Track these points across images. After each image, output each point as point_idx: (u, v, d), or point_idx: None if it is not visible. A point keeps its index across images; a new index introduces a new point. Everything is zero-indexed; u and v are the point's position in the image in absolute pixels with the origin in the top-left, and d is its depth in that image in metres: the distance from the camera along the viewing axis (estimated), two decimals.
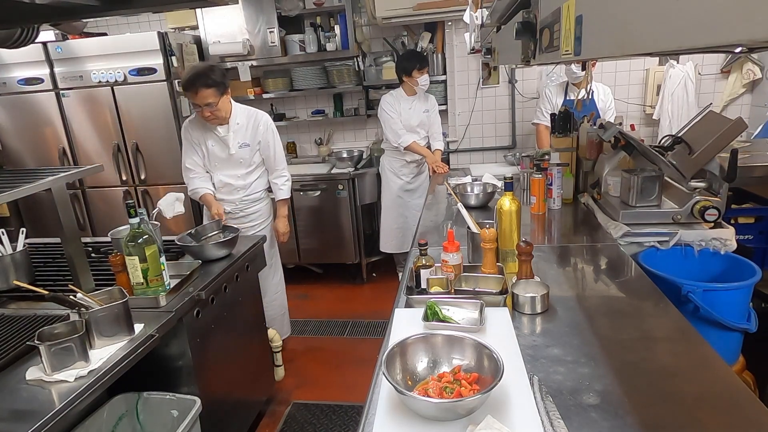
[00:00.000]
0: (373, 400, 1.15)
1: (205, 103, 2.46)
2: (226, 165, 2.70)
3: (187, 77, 2.46)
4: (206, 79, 2.43)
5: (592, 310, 1.53)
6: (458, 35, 4.12)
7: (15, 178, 1.76)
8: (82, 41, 3.73)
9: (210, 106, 2.48)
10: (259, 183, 2.83)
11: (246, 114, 2.70)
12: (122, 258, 1.78)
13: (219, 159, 2.69)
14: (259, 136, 2.71)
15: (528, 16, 1.23)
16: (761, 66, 3.74)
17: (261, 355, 2.61)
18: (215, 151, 2.67)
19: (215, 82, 2.46)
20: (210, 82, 2.44)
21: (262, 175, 2.84)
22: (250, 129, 2.69)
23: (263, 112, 2.79)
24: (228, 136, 2.63)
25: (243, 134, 2.67)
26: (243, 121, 2.67)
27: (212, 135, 2.65)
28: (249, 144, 2.69)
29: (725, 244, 1.96)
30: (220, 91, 2.50)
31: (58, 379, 1.40)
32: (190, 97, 2.47)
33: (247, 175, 2.75)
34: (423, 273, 1.59)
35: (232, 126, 2.63)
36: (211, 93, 2.45)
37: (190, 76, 2.45)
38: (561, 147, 2.68)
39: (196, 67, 2.50)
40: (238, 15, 4.04)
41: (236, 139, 2.65)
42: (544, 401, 1.09)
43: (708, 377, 1.18)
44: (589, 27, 0.74)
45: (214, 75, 2.47)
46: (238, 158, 2.69)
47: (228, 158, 2.68)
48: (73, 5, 1.49)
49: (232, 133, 2.63)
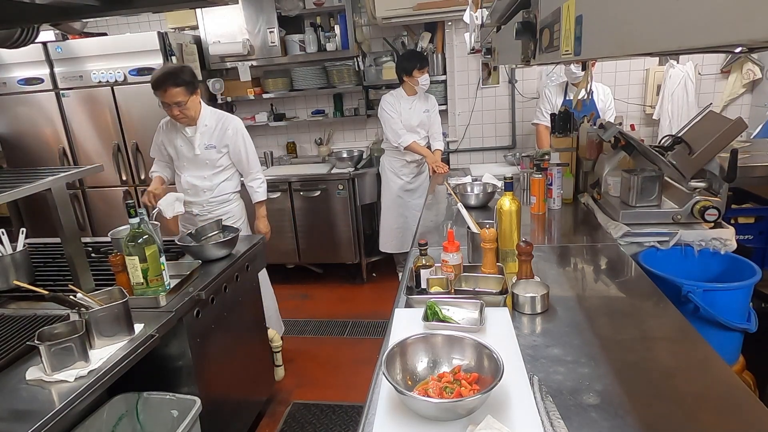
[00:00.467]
0: (373, 400, 1.15)
1: (174, 102, 2.50)
2: (192, 165, 2.75)
3: (156, 76, 2.49)
4: (175, 78, 2.48)
5: (592, 310, 1.53)
6: (458, 35, 4.12)
7: (15, 178, 1.76)
8: (82, 41, 3.74)
9: (179, 104, 2.52)
10: (227, 185, 2.84)
11: (216, 117, 2.75)
12: (122, 258, 1.78)
13: (186, 159, 2.74)
14: (227, 140, 2.74)
15: (528, 16, 1.23)
16: (761, 66, 3.74)
17: (261, 355, 2.61)
18: (183, 151, 2.73)
19: (184, 81, 2.50)
20: (179, 81, 2.48)
21: (230, 177, 2.85)
22: (218, 132, 2.72)
23: (235, 117, 2.84)
24: (194, 136, 2.67)
25: (210, 136, 2.71)
26: (211, 123, 2.71)
27: (180, 135, 2.70)
28: (215, 146, 2.72)
29: (725, 244, 1.96)
30: (189, 90, 2.54)
31: (58, 379, 1.40)
32: (160, 95, 2.50)
33: (213, 176, 2.77)
34: (423, 273, 1.59)
35: (199, 127, 2.67)
36: (180, 92, 2.49)
37: (160, 75, 2.48)
38: (561, 147, 2.68)
39: (166, 67, 2.55)
40: (238, 15, 4.04)
41: (202, 140, 2.69)
42: (544, 401, 1.09)
43: (708, 377, 1.18)
44: (589, 27, 0.74)
45: (184, 74, 2.52)
46: (204, 159, 2.72)
47: (194, 158, 2.72)
48: (73, 5, 1.49)
49: (198, 134, 2.68)
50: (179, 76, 2.49)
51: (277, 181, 4.05)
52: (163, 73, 2.49)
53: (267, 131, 4.72)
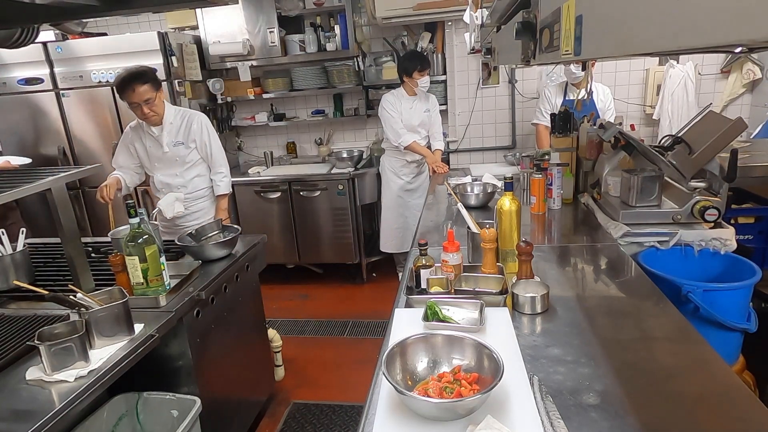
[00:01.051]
0: (373, 400, 1.15)
1: (144, 100, 2.52)
2: (162, 164, 2.78)
3: (120, 78, 2.51)
4: (141, 77, 2.51)
5: (592, 310, 1.53)
6: (458, 35, 4.12)
7: (15, 178, 1.76)
8: (82, 41, 3.74)
9: (148, 102, 2.54)
10: (200, 181, 2.88)
11: (180, 114, 2.78)
12: (122, 258, 1.78)
13: (156, 158, 2.77)
14: (193, 135, 2.77)
15: (528, 16, 1.23)
16: (761, 66, 3.74)
17: (261, 355, 2.61)
18: (153, 151, 2.76)
19: (150, 78, 2.54)
20: (145, 78, 2.52)
21: (202, 173, 2.89)
22: (183, 127, 2.76)
23: (198, 112, 2.87)
24: (161, 135, 2.70)
25: (176, 133, 2.74)
26: (176, 120, 2.75)
27: (148, 135, 2.73)
28: (183, 142, 2.76)
29: (725, 244, 1.96)
30: (155, 86, 2.57)
31: (58, 379, 1.40)
32: (128, 96, 2.52)
33: (185, 173, 2.81)
34: (423, 273, 1.59)
35: (165, 126, 2.70)
36: (147, 89, 2.52)
37: (125, 76, 2.51)
38: (561, 147, 2.68)
39: (127, 69, 2.56)
40: (238, 15, 4.04)
41: (169, 137, 2.72)
42: (544, 401, 1.09)
43: (708, 377, 1.18)
44: (589, 27, 0.74)
45: (148, 73, 2.55)
46: (173, 156, 2.76)
47: (163, 157, 2.76)
48: (73, 5, 1.49)
49: (165, 132, 2.70)
50: (144, 75, 2.52)
51: (277, 181, 4.05)
52: (127, 74, 2.52)
53: (267, 131, 4.72)
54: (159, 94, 2.61)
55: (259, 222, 4.11)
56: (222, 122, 4.38)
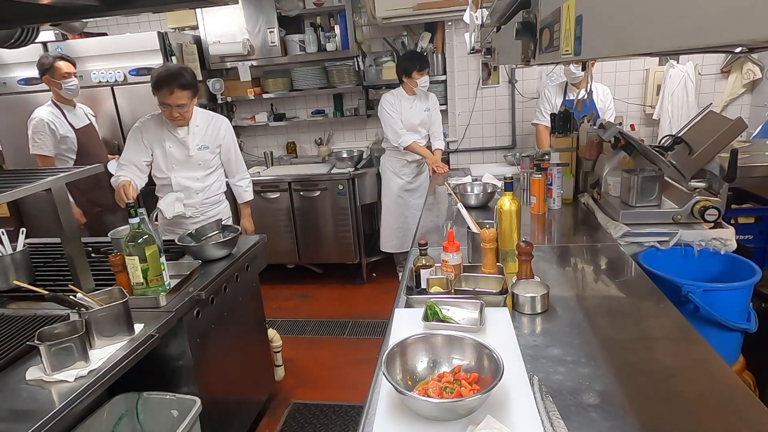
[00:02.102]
0: (373, 400, 1.15)
1: (178, 104, 2.44)
2: (183, 167, 2.67)
3: (162, 76, 2.40)
4: (183, 80, 2.42)
5: (592, 310, 1.53)
6: (458, 35, 4.12)
7: (15, 178, 1.76)
8: (82, 41, 3.74)
9: (182, 107, 2.46)
10: (217, 186, 2.82)
11: (206, 117, 2.70)
12: (122, 258, 1.78)
13: (177, 161, 2.65)
14: (219, 140, 2.71)
15: (528, 16, 1.23)
16: (761, 66, 3.74)
17: (261, 355, 2.61)
18: (173, 153, 2.63)
19: (190, 84, 2.46)
20: (186, 83, 2.43)
21: (220, 178, 2.83)
22: (210, 132, 2.68)
23: (223, 116, 2.79)
24: (187, 137, 2.60)
25: (202, 137, 2.66)
26: (202, 123, 2.66)
27: (170, 136, 2.61)
28: (208, 147, 2.68)
29: (725, 244, 1.96)
30: (193, 93, 2.50)
31: (58, 379, 1.40)
32: (163, 96, 2.42)
33: (206, 177, 2.73)
34: (423, 273, 1.59)
35: (191, 128, 2.61)
36: (186, 95, 2.45)
37: (167, 74, 2.41)
38: (561, 147, 2.68)
39: (168, 67, 2.47)
40: (238, 15, 4.04)
41: (195, 140, 2.63)
42: (544, 401, 1.09)
43: (708, 377, 1.18)
44: (589, 27, 0.74)
45: (188, 76, 2.46)
46: (197, 160, 2.67)
47: (186, 160, 2.65)
48: (73, 5, 1.50)
49: (191, 134, 2.61)
50: (185, 78, 2.43)
51: (277, 181, 4.05)
52: (168, 73, 2.41)
53: (267, 131, 4.72)
54: (194, 101, 2.54)
55: (259, 222, 4.08)
56: None
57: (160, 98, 2.45)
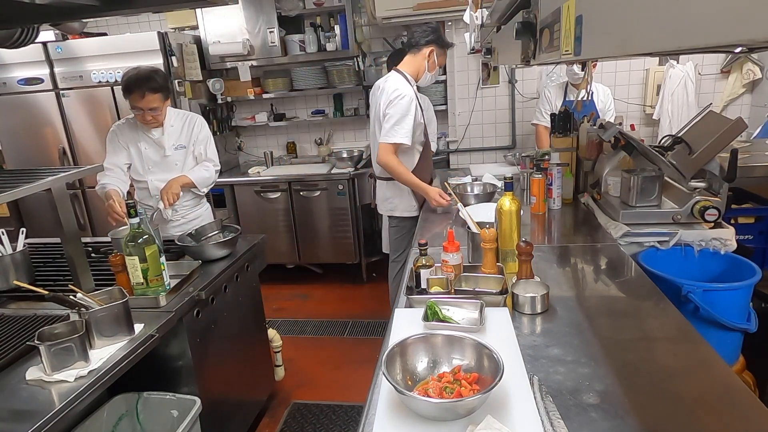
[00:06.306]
0: (373, 400, 1.15)
1: (150, 108, 2.41)
2: (160, 168, 2.62)
3: (131, 79, 2.36)
4: (153, 83, 2.37)
5: (592, 310, 1.53)
6: (458, 35, 4.12)
7: (15, 178, 1.76)
8: (82, 41, 3.74)
9: (154, 111, 2.43)
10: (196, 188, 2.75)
11: (180, 116, 2.66)
12: (122, 258, 1.78)
13: (153, 162, 2.61)
14: (194, 137, 2.66)
15: (528, 16, 1.23)
16: (761, 66, 3.74)
17: (261, 355, 2.61)
18: (149, 154, 2.60)
19: (161, 87, 2.42)
20: (156, 86, 2.38)
21: None
22: (185, 131, 2.64)
23: (197, 114, 2.75)
24: (162, 138, 2.57)
25: (177, 136, 2.62)
26: (177, 123, 2.63)
27: (145, 137, 2.57)
28: (185, 146, 2.64)
29: (725, 244, 1.96)
30: (165, 96, 2.46)
31: (58, 379, 1.40)
32: (134, 100, 2.38)
33: None
34: (423, 273, 1.59)
35: (166, 128, 2.57)
36: (157, 98, 2.41)
37: (136, 77, 2.36)
38: (561, 147, 2.68)
39: (139, 70, 2.41)
40: (238, 15, 4.04)
41: (171, 140, 2.60)
42: (544, 401, 1.09)
43: (708, 377, 1.18)
44: (589, 27, 0.74)
45: (160, 79, 2.42)
46: (173, 161, 2.63)
47: (162, 160, 2.61)
48: (73, 5, 1.49)
49: (166, 135, 2.58)
50: (157, 82, 2.39)
51: (277, 181, 4.05)
52: (138, 76, 2.36)
53: (267, 131, 4.72)
54: (166, 103, 2.50)
55: (259, 222, 4.11)
56: (222, 122, 4.38)
57: (132, 102, 2.40)
